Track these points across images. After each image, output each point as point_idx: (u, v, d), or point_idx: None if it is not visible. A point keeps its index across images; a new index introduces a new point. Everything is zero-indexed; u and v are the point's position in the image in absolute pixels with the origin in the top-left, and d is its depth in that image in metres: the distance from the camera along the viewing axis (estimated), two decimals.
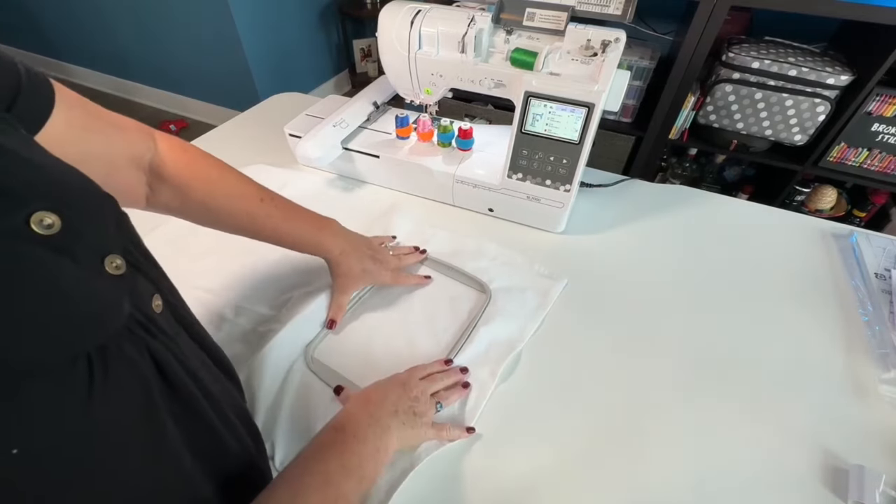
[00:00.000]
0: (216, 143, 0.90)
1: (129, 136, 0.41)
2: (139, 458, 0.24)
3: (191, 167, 0.46)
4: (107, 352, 0.22)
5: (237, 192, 0.49)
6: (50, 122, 0.30)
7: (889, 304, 0.59)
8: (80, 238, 0.22)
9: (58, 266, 0.21)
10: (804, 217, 0.76)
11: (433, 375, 0.49)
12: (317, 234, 0.54)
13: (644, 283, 0.64)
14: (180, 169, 0.45)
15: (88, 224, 0.23)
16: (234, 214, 0.49)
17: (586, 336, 0.57)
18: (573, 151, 0.61)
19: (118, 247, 0.25)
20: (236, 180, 0.50)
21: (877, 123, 1.26)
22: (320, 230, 0.54)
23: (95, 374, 0.21)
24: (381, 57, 0.67)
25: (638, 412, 0.49)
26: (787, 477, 0.45)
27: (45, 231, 0.20)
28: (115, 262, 0.24)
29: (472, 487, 0.43)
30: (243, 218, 0.50)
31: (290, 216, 0.53)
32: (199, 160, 0.47)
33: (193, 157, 0.47)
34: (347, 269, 0.55)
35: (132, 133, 0.41)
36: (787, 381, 0.52)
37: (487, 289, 0.61)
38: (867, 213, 1.52)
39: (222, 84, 2.23)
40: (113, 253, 0.24)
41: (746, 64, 1.24)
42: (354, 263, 0.55)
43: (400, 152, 0.74)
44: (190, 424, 0.28)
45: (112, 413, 0.22)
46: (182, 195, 0.45)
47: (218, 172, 0.49)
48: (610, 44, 0.56)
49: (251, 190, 0.50)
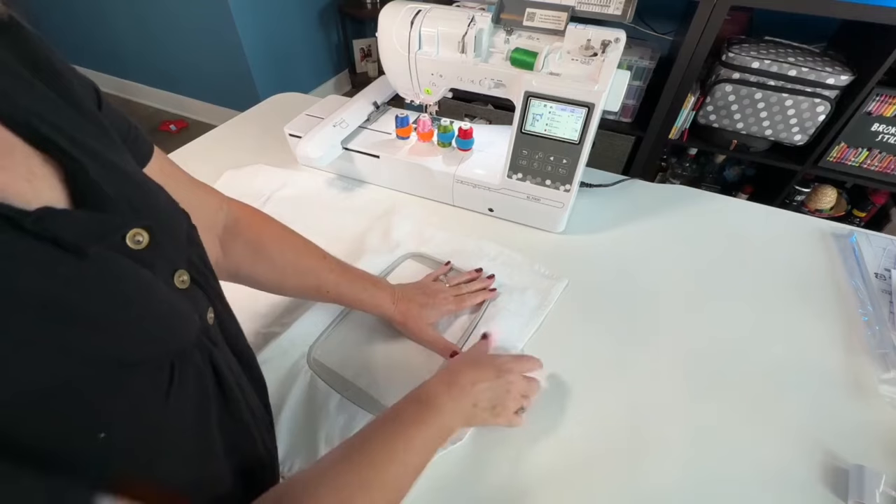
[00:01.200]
0: (216, 143, 0.90)
1: (206, 196, 0.44)
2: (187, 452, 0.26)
3: (262, 224, 0.49)
4: (184, 356, 0.25)
5: (304, 248, 0.51)
6: (150, 164, 0.34)
7: (889, 304, 0.59)
8: (161, 254, 0.25)
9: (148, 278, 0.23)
10: (804, 217, 0.76)
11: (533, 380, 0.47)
12: (371, 290, 0.53)
13: (644, 283, 0.64)
14: (253, 225, 0.48)
15: (168, 240, 0.26)
16: (301, 271, 0.50)
17: (586, 336, 0.57)
18: (573, 151, 0.61)
19: (185, 261, 0.28)
20: (302, 238, 0.51)
21: (877, 123, 1.26)
22: (374, 285, 0.54)
23: (175, 376, 0.23)
24: (381, 57, 0.67)
25: (638, 411, 0.49)
26: (787, 477, 0.45)
27: (136, 246, 0.23)
28: (182, 276, 0.27)
29: (471, 490, 0.43)
30: (309, 275, 0.50)
31: (347, 273, 0.53)
32: (269, 220, 0.50)
33: (263, 217, 0.50)
34: (405, 315, 0.54)
35: (210, 194, 0.44)
36: (787, 381, 0.52)
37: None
38: (867, 213, 1.52)
39: (222, 84, 2.23)
40: (181, 268, 0.27)
41: (746, 64, 1.24)
42: (412, 307, 0.54)
43: (400, 152, 0.74)
44: (231, 427, 0.30)
45: (178, 411, 0.24)
46: (254, 251, 0.47)
47: (286, 230, 0.51)
48: (610, 44, 0.56)
49: (315, 248, 0.52)
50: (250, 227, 0.47)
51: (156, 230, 0.24)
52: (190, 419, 0.26)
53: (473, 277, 0.61)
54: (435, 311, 0.55)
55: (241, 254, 0.46)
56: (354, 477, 0.32)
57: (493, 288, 0.61)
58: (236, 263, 0.46)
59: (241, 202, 0.48)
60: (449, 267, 0.64)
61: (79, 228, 0.21)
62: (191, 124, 2.43)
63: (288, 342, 0.53)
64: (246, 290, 0.60)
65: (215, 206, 0.45)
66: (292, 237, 0.51)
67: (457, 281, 0.60)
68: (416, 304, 0.54)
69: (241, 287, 0.60)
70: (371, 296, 0.53)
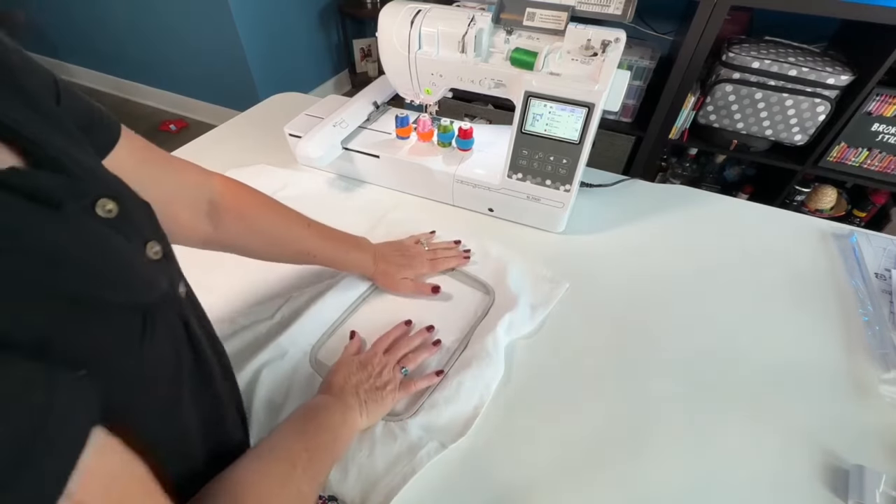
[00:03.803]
0: (216, 143, 0.90)
1: (186, 174, 0.45)
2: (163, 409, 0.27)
3: (248, 196, 0.50)
4: (156, 310, 0.26)
5: (289, 216, 0.53)
6: (115, 151, 0.35)
7: (889, 304, 0.59)
8: (131, 224, 0.26)
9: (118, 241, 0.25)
10: (804, 217, 0.76)
11: (397, 343, 0.53)
12: (353, 252, 0.58)
13: (644, 283, 0.64)
14: (239, 197, 0.49)
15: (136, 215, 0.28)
16: (288, 239, 0.53)
17: (586, 336, 0.57)
18: (573, 151, 0.61)
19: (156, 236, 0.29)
20: (285, 208, 0.53)
21: (877, 123, 1.26)
22: (355, 248, 0.58)
23: (147, 326, 0.25)
24: (381, 57, 0.67)
25: (637, 411, 0.49)
26: (788, 477, 0.45)
27: (106, 214, 0.25)
28: (154, 248, 0.28)
29: (472, 490, 0.43)
30: (296, 242, 0.53)
31: (329, 237, 0.56)
32: (253, 191, 0.51)
33: (248, 189, 0.51)
34: (385, 274, 0.60)
35: (190, 172, 0.45)
36: (787, 382, 0.52)
37: (492, 290, 0.61)
38: (867, 212, 1.52)
39: (222, 84, 2.23)
40: (153, 239, 0.28)
41: (746, 64, 1.24)
42: (391, 268, 0.60)
43: (400, 152, 0.74)
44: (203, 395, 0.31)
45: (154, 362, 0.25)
46: (243, 222, 0.49)
47: (270, 201, 0.52)
48: (610, 44, 0.56)
49: (298, 215, 0.54)
50: (236, 199, 0.49)
51: (124, 202, 0.26)
52: (164, 372, 0.27)
53: (451, 247, 0.66)
54: (411, 270, 0.61)
55: (230, 226, 0.48)
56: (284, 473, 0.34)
57: (467, 256, 0.66)
58: (227, 235, 0.48)
59: (223, 175, 0.49)
60: (433, 234, 0.69)
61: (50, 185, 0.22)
62: (191, 124, 2.43)
63: (289, 342, 0.53)
64: (244, 285, 0.61)
65: (198, 181, 0.46)
66: (277, 206, 0.52)
67: (435, 247, 0.65)
68: (395, 264, 0.60)
69: (240, 284, 0.61)
70: (354, 258, 0.58)
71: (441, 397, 0.48)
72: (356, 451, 0.44)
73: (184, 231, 0.45)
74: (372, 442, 0.45)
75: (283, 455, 0.35)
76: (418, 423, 0.47)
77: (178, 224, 0.44)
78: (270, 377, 0.50)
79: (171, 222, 0.41)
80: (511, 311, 0.56)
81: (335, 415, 0.42)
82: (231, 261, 0.52)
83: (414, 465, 0.43)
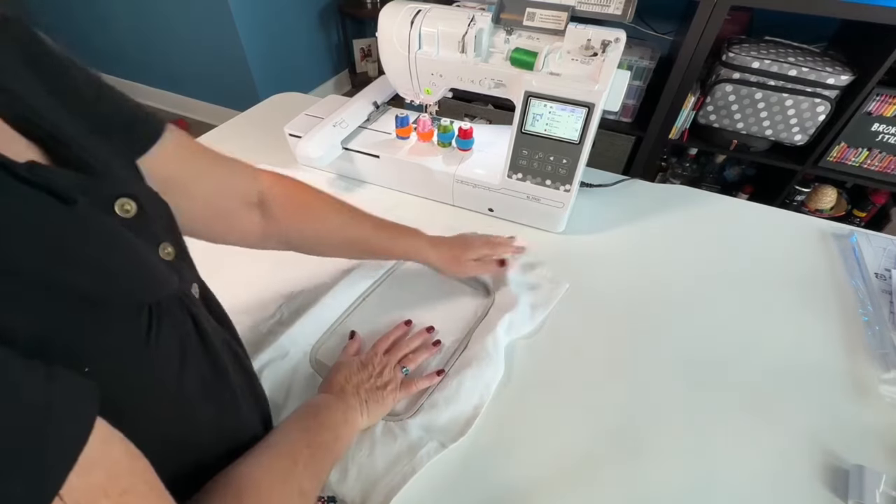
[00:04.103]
0: (216, 143, 0.89)
1: (234, 168, 0.45)
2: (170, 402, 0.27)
3: (298, 189, 0.51)
4: (161, 307, 0.26)
5: (341, 206, 0.53)
6: (160, 143, 0.36)
7: (889, 304, 0.59)
8: (147, 225, 0.27)
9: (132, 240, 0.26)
10: (804, 217, 0.76)
11: (397, 343, 0.53)
12: (408, 238, 0.57)
13: (644, 283, 0.64)
14: (289, 191, 0.50)
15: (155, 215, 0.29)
16: (343, 228, 0.53)
17: (586, 335, 0.57)
18: (573, 151, 0.61)
19: (169, 237, 0.30)
20: (335, 198, 0.53)
21: (877, 123, 1.26)
22: (410, 235, 0.57)
23: (153, 323, 0.25)
24: (381, 57, 0.67)
25: (637, 411, 0.49)
26: (788, 477, 0.45)
27: (124, 214, 0.26)
28: (167, 249, 0.29)
29: (471, 491, 0.43)
30: (349, 231, 0.53)
31: (381, 225, 0.55)
32: (302, 184, 0.51)
33: (297, 182, 0.51)
34: (448, 258, 0.58)
35: (238, 166, 0.46)
36: (787, 382, 0.52)
37: (492, 291, 0.61)
38: (867, 213, 1.52)
39: (222, 84, 2.23)
40: (165, 241, 0.29)
41: (746, 64, 1.24)
42: (453, 250, 0.59)
43: (400, 152, 0.74)
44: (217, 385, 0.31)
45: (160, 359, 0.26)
46: (296, 214, 0.49)
47: (320, 192, 0.52)
48: (610, 44, 0.56)
49: (349, 205, 0.54)
50: (286, 190, 0.49)
51: (143, 202, 0.27)
52: (170, 368, 0.27)
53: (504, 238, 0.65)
54: (472, 251, 0.59)
55: (281, 216, 0.48)
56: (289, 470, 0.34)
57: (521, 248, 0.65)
58: (279, 227, 0.48)
59: (270, 171, 0.49)
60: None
61: (66, 182, 0.23)
62: (191, 124, 2.42)
63: (289, 342, 0.53)
64: (245, 286, 0.61)
65: (246, 174, 0.46)
66: (328, 196, 0.53)
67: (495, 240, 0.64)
68: (456, 247, 0.59)
69: (241, 285, 0.61)
70: (410, 244, 0.57)
71: (441, 397, 0.48)
72: (356, 451, 0.44)
73: (236, 224, 0.46)
74: (372, 442, 0.45)
75: (285, 451, 0.35)
76: (418, 423, 0.47)
77: (231, 218, 0.45)
78: (271, 377, 0.50)
79: (222, 217, 0.44)
80: (511, 311, 0.56)
81: (336, 413, 0.42)
82: (231, 261, 0.52)
83: (414, 465, 0.43)
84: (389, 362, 0.50)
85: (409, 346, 0.53)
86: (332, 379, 0.47)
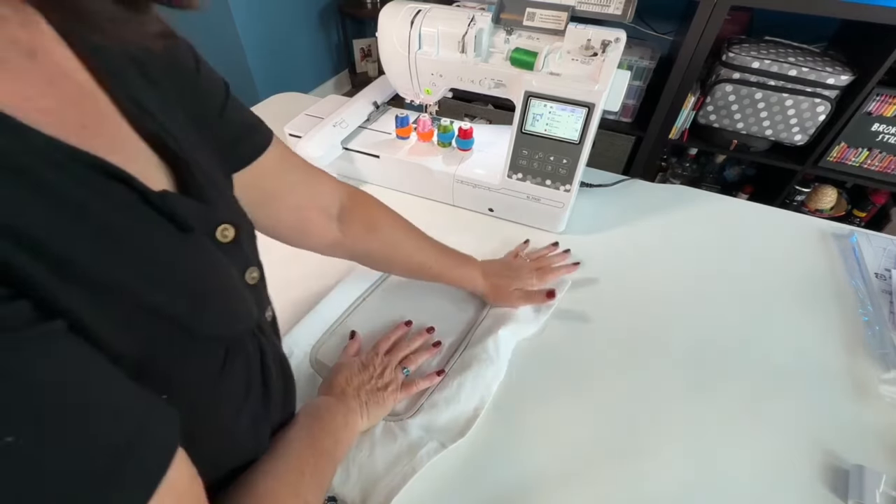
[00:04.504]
0: None
1: (321, 179, 0.48)
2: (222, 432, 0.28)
3: (373, 205, 0.53)
4: (237, 343, 0.27)
5: (409, 228, 0.55)
6: (266, 155, 0.38)
7: (889, 304, 0.59)
8: (241, 250, 0.28)
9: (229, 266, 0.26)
10: (804, 217, 0.76)
11: (398, 344, 0.53)
12: (464, 267, 0.58)
13: (644, 283, 0.64)
14: (365, 206, 0.52)
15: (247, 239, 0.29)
16: (407, 249, 0.55)
17: (585, 336, 0.57)
18: (573, 151, 0.61)
19: (256, 261, 0.31)
20: (406, 221, 0.56)
21: (877, 123, 1.26)
22: (466, 264, 0.59)
23: (227, 359, 0.26)
24: (381, 57, 0.67)
25: (637, 411, 0.49)
26: (787, 477, 0.45)
27: (223, 239, 0.27)
28: (253, 273, 0.30)
29: (472, 490, 0.43)
30: (415, 253, 0.55)
31: (443, 251, 0.57)
32: (377, 201, 0.54)
33: (372, 199, 0.54)
34: (496, 287, 0.59)
35: (324, 178, 0.48)
36: (787, 382, 0.52)
37: None
38: (867, 212, 1.52)
39: None
40: (252, 265, 0.30)
41: (746, 64, 1.24)
42: (501, 281, 0.59)
43: (400, 152, 0.74)
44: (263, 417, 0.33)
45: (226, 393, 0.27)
46: (368, 230, 0.52)
47: (394, 213, 0.55)
48: (610, 44, 0.56)
49: (417, 229, 0.56)
50: (365, 207, 0.52)
51: (240, 228, 0.28)
52: (232, 401, 0.28)
53: (551, 251, 0.67)
54: (520, 282, 0.60)
55: (357, 232, 0.51)
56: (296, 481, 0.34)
57: (576, 262, 0.65)
58: (353, 240, 0.51)
59: (350, 185, 0.52)
60: (527, 244, 0.68)
61: (189, 212, 0.24)
62: None
63: (290, 343, 0.53)
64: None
65: (331, 187, 0.49)
66: (400, 218, 0.55)
67: (537, 255, 0.66)
68: (504, 277, 0.59)
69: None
70: (465, 273, 0.58)
71: (441, 398, 0.48)
72: (356, 452, 0.44)
73: (315, 232, 0.48)
74: (372, 442, 0.45)
75: (294, 463, 0.35)
76: (418, 423, 0.47)
77: (311, 226, 0.47)
78: None
79: (304, 224, 0.47)
80: (514, 311, 0.57)
81: (337, 417, 0.42)
82: None
83: (414, 465, 0.43)
84: (390, 363, 0.50)
85: (409, 346, 0.53)
86: (333, 381, 0.47)
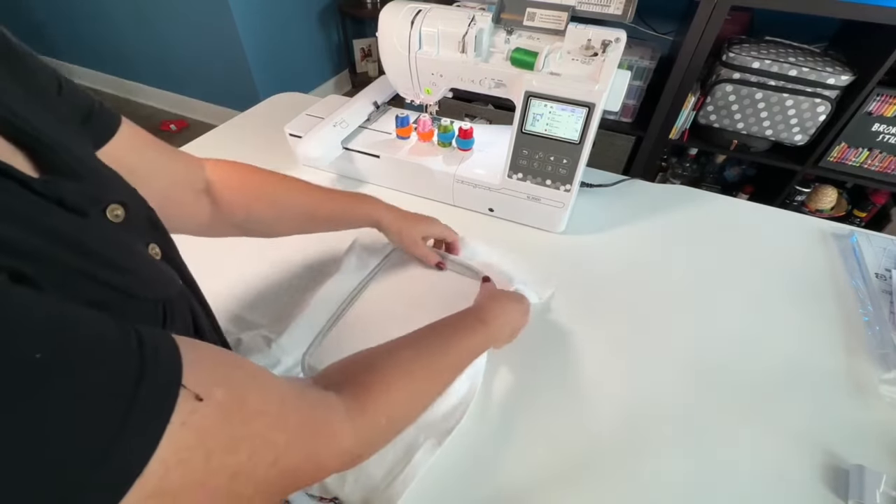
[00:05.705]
0: (216, 142, 0.90)
1: (181, 157, 0.45)
2: None
3: (243, 171, 0.51)
4: (172, 304, 0.29)
5: (287, 180, 0.53)
6: (116, 137, 0.36)
7: (889, 304, 0.59)
8: (136, 227, 0.29)
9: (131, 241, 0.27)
10: (804, 217, 0.76)
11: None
12: (360, 205, 0.57)
13: (644, 283, 0.64)
14: (235, 173, 0.50)
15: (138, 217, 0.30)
16: (291, 202, 0.53)
17: (586, 336, 0.57)
18: (573, 151, 0.61)
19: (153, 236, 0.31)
20: (282, 175, 0.53)
21: (877, 123, 1.26)
22: (362, 201, 0.58)
23: (167, 316, 0.27)
24: (381, 57, 0.67)
25: (637, 411, 0.49)
26: (788, 477, 0.45)
27: (115, 219, 0.27)
28: (154, 249, 0.30)
29: (472, 490, 0.43)
30: (299, 203, 0.53)
31: (331, 195, 0.56)
32: (247, 166, 0.51)
33: (241, 165, 0.51)
34: (399, 226, 0.58)
35: (183, 155, 0.46)
36: (787, 382, 0.52)
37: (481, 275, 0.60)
38: (867, 213, 1.52)
39: (222, 84, 2.23)
40: (152, 241, 0.30)
41: (746, 64, 1.24)
42: (406, 219, 0.59)
43: (400, 152, 0.74)
44: None
45: None
46: (244, 196, 0.49)
47: (264, 170, 0.52)
48: (610, 44, 0.56)
49: (295, 179, 0.54)
50: (230, 172, 0.49)
51: (129, 206, 0.28)
52: None
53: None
54: (426, 226, 0.60)
55: (232, 201, 0.48)
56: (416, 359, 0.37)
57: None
58: (229, 210, 0.48)
59: (213, 159, 0.49)
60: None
61: (75, 194, 0.24)
62: (191, 124, 2.43)
63: (280, 351, 0.52)
64: (239, 290, 0.60)
65: (191, 163, 0.46)
66: (273, 175, 0.52)
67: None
68: (410, 218, 0.59)
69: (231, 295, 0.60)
70: (363, 209, 0.57)
71: None
72: None
73: (188, 212, 0.46)
74: None
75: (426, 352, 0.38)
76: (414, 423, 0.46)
77: (183, 207, 0.45)
78: None
79: (175, 206, 0.44)
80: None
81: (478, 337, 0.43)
82: (219, 266, 0.51)
83: (414, 465, 0.43)
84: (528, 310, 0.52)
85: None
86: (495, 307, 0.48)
